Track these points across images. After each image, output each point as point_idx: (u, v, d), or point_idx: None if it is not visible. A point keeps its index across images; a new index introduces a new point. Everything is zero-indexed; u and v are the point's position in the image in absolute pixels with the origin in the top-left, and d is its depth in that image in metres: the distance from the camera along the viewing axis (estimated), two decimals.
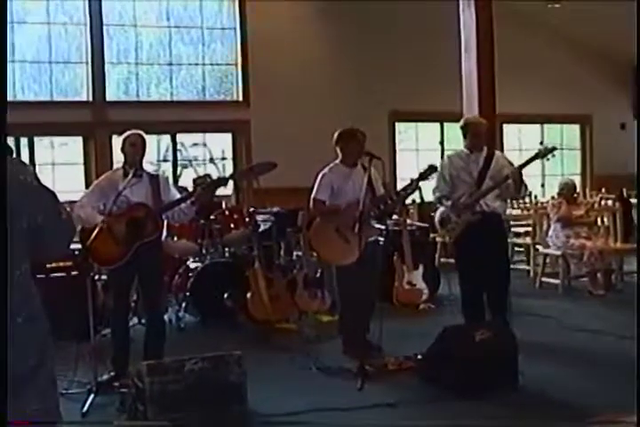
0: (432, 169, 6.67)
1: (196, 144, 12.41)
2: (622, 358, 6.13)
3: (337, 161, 6.84)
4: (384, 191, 6.87)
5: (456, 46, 9.47)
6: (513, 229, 11.02)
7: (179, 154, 12.23)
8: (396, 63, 12.58)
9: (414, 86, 12.60)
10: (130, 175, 5.91)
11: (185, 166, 12.35)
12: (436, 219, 7.40)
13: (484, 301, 7.08)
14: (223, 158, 12.49)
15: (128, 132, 6.20)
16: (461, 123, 7.29)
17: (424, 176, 6.65)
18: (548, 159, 7.00)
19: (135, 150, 6.10)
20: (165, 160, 12.17)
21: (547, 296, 9.37)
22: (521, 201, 11.16)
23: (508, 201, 7.98)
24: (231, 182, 9.67)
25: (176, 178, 12.02)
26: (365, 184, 6.38)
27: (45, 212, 2.61)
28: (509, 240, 9.55)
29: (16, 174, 2.53)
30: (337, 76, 12.54)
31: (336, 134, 6.80)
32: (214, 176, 6.34)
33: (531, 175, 11.68)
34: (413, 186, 6.64)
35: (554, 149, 7.00)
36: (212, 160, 12.45)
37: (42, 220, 2.58)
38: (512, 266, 8.67)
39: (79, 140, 11.52)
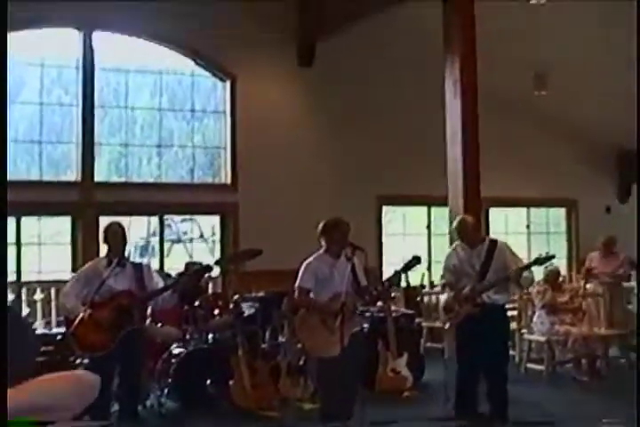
0: (416, 260, 6.74)
1: (185, 220, 12.45)
2: None
3: (321, 251, 6.86)
4: (367, 282, 6.90)
5: (442, 131, 9.63)
6: None
7: (168, 230, 12.24)
8: (383, 148, 12.69)
9: (401, 171, 12.69)
10: (113, 264, 5.97)
11: (174, 242, 12.36)
12: (441, 304, 7.59)
13: (481, 391, 7.20)
14: (213, 234, 12.48)
15: (109, 223, 6.34)
16: (452, 226, 7.60)
17: (408, 267, 6.73)
18: (546, 267, 7.24)
19: (117, 240, 6.22)
20: (155, 235, 12.14)
21: (531, 382, 9.31)
22: None
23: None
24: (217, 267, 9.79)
25: (163, 255, 11.93)
26: (348, 275, 6.41)
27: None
28: None
29: None
30: (325, 161, 12.62)
31: (320, 225, 6.81)
32: (203, 259, 6.44)
33: None
34: (396, 278, 6.71)
35: (552, 257, 7.18)
36: (201, 236, 12.48)
37: None
38: None
39: (67, 219, 11.49)
